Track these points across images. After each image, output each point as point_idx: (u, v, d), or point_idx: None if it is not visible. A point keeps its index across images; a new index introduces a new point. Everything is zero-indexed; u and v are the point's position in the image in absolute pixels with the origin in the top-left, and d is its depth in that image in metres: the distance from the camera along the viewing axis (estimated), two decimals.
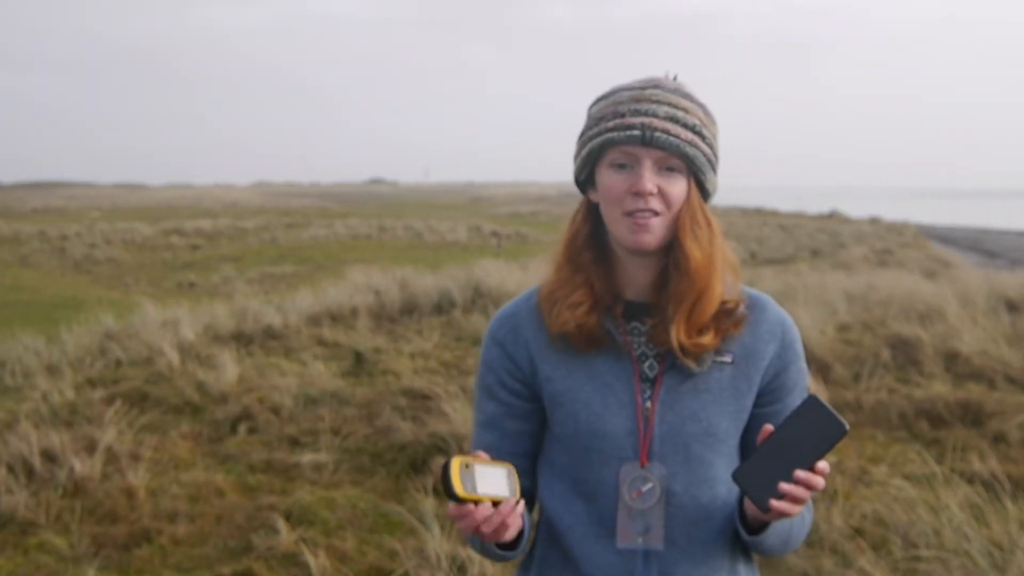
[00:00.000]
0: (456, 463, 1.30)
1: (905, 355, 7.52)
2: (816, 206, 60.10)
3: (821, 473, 1.33)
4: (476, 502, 1.31)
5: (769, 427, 1.36)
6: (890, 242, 28.83)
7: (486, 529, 1.33)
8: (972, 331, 7.87)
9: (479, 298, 10.78)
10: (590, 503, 1.49)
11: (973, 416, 5.96)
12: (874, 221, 43.21)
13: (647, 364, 1.49)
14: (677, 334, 1.44)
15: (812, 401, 1.33)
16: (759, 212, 50.82)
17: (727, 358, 1.48)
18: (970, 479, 4.58)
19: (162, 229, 32.09)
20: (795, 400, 1.51)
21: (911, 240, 31.06)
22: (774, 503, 1.33)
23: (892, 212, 56.99)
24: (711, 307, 1.45)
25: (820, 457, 1.32)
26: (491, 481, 1.33)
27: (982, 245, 31.84)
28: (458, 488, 1.29)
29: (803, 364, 1.54)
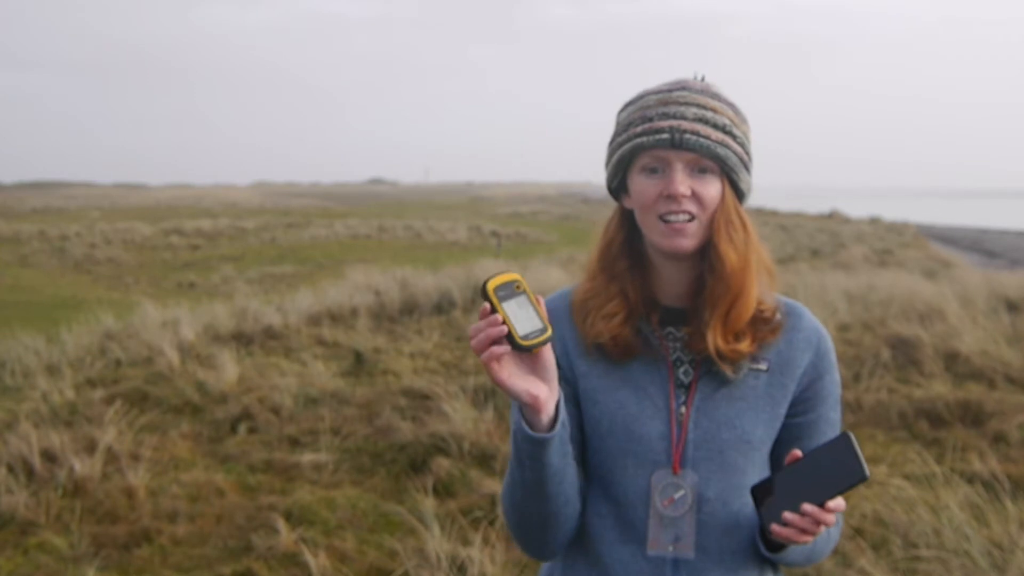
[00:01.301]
0: (515, 275, 1.29)
1: (905, 355, 7.52)
2: (816, 206, 60.10)
3: (833, 511, 1.32)
4: (494, 309, 1.27)
5: (797, 452, 1.36)
6: (890, 242, 28.82)
7: (475, 343, 1.27)
8: (972, 331, 7.87)
9: (479, 298, 10.77)
10: (621, 508, 1.47)
11: (973, 416, 5.96)
12: (874, 221, 43.19)
13: (682, 370, 1.48)
14: (714, 339, 1.43)
15: (844, 438, 1.33)
16: (759, 212, 50.92)
17: (763, 365, 1.47)
18: (970, 479, 4.58)
19: (162, 229, 32.09)
20: (828, 410, 1.50)
21: (911, 240, 31.05)
22: (776, 528, 1.33)
23: (892, 212, 56.98)
24: (747, 311, 1.44)
25: (833, 496, 1.32)
26: (524, 315, 1.28)
27: (982, 245, 31.84)
28: (491, 284, 1.27)
29: (837, 375, 1.53)
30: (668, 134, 1.41)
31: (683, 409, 1.46)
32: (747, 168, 1.47)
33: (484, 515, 4.41)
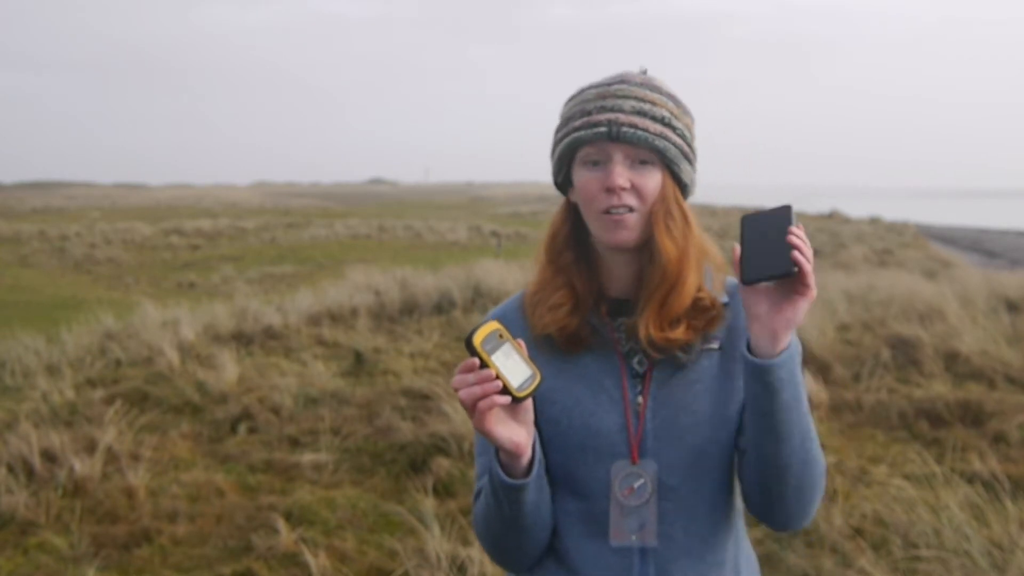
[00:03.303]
0: (495, 324, 1.30)
1: (905, 355, 7.52)
2: (816, 206, 60.11)
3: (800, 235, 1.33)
4: (484, 364, 1.28)
5: (736, 247, 1.35)
6: (890, 242, 28.82)
7: (466, 396, 1.29)
8: (972, 331, 7.87)
9: (479, 298, 10.79)
10: (583, 501, 1.47)
11: (973, 416, 5.96)
12: (874, 221, 43.17)
13: (636, 360, 1.48)
14: (646, 327, 1.44)
15: (748, 219, 1.35)
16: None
17: (715, 345, 1.48)
18: (970, 479, 4.58)
19: (162, 229, 32.10)
20: None
21: (911, 240, 31.04)
22: (795, 255, 1.29)
23: (892, 212, 56.97)
24: (684, 299, 1.45)
25: (789, 230, 1.31)
26: (512, 364, 1.30)
27: (982, 245, 31.83)
28: (477, 337, 1.27)
29: (793, 340, 1.49)
30: (606, 127, 1.42)
31: (640, 399, 1.46)
32: (689, 160, 1.48)
33: None
